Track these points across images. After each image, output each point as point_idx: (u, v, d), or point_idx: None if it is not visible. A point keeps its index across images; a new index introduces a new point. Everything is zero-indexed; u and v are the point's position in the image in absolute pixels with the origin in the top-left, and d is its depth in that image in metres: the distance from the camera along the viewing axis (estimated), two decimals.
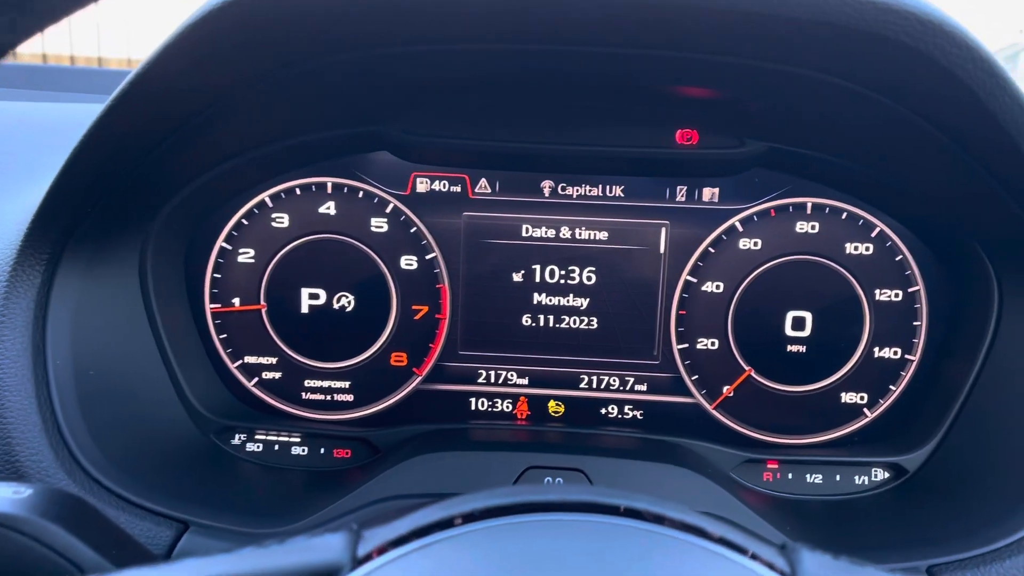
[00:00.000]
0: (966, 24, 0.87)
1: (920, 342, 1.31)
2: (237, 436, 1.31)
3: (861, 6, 0.85)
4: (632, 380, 1.36)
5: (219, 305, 1.33)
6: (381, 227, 1.32)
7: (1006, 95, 0.90)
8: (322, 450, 1.32)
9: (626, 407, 1.37)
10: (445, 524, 0.61)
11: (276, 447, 1.32)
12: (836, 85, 1.01)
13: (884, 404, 1.33)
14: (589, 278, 1.33)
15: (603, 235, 1.32)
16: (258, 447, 1.32)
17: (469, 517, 0.62)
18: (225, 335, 1.34)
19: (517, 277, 1.34)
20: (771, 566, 0.59)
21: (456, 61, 1.08)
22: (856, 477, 1.29)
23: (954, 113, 0.97)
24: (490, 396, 1.37)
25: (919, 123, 1.02)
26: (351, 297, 1.34)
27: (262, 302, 1.33)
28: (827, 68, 0.99)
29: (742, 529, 0.65)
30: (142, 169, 1.08)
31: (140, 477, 1.08)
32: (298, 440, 1.32)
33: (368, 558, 0.55)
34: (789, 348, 1.33)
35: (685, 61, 1.03)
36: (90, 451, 1.06)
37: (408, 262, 1.33)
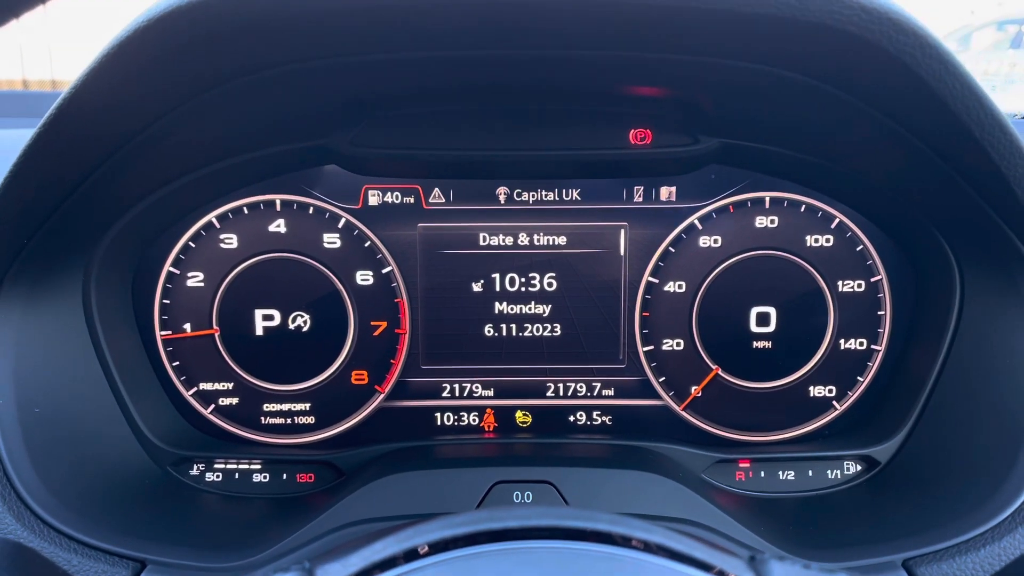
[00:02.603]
0: (916, 7, 0.86)
1: (885, 332, 1.30)
2: (195, 466, 1.27)
3: None
4: (599, 385, 1.34)
5: (170, 332, 1.29)
6: (334, 243, 1.29)
7: (956, 81, 0.89)
8: (284, 476, 1.28)
9: (594, 413, 1.35)
10: (405, 556, 0.58)
11: (236, 475, 1.28)
12: (786, 78, 1.00)
13: (852, 396, 1.33)
14: (550, 284, 1.31)
15: (562, 240, 1.30)
16: (217, 476, 1.28)
17: (429, 548, 0.59)
18: (178, 362, 1.31)
19: (477, 287, 1.31)
20: None
21: (404, 70, 1.06)
22: (828, 472, 1.28)
23: (905, 101, 0.96)
24: (455, 410, 1.34)
25: (871, 113, 1.01)
26: (307, 316, 1.30)
27: (214, 326, 1.30)
28: (774, 61, 0.98)
29: (710, 544, 0.63)
30: (81, 194, 1.05)
31: (93, 516, 1.04)
32: (259, 467, 1.28)
33: None
34: (755, 344, 1.32)
35: (633, 60, 1.01)
36: (38, 492, 1.02)
37: (364, 277, 1.30)
